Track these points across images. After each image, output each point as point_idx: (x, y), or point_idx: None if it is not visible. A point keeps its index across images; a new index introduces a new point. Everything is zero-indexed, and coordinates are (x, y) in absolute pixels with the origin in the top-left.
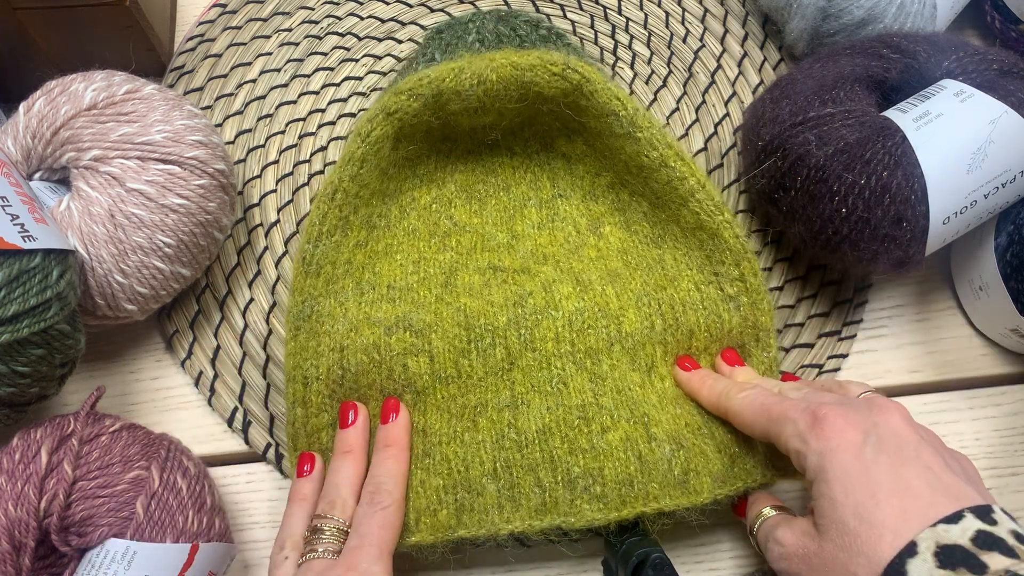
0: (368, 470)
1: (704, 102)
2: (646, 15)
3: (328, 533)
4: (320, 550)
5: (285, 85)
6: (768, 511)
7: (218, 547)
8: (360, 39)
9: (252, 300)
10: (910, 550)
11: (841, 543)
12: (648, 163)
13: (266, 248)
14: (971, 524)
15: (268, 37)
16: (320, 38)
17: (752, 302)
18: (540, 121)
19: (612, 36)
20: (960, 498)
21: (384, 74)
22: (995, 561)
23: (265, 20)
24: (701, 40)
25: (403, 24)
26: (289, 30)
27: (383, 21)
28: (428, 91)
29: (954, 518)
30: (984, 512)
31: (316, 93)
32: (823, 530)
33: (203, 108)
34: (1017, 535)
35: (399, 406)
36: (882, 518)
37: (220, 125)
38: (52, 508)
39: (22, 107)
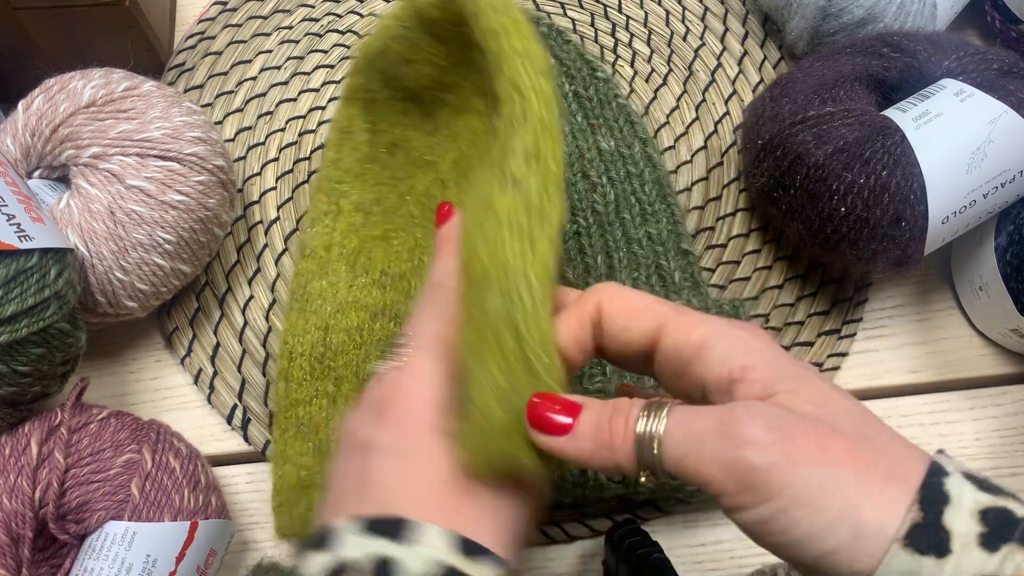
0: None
1: (704, 100)
2: (646, 13)
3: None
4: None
5: (285, 83)
6: (661, 410)
7: (217, 523)
8: (360, 37)
9: (252, 297)
10: (941, 469)
11: (861, 432)
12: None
13: (266, 245)
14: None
15: (268, 35)
16: (320, 36)
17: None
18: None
19: (612, 34)
20: None
21: None
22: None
23: (265, 18)
24: (701, 38)
25: None
26: (289, 28)
27: None
28: (363, 61)
29: (942, 451)
30: None
31: (316, 90)
32: (825, 418)
33: (203, 105)
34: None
35: (453, 208)
36: (886, 425)
37: (220, 122)
38: (47, 497)
39: (21, 105)
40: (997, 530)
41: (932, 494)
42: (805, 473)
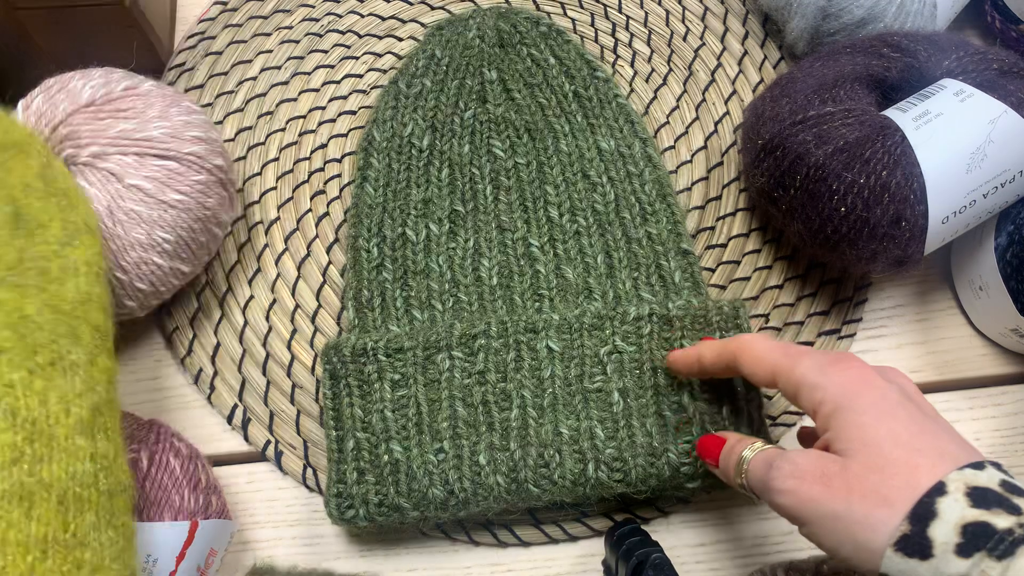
0: None
1: (704, 100)
2: (646, 13)
3: None
4: None
5: (286, 83)
6: (758, 445)
7: (217, 523)
8: (361, 37)
9: (252, 297)
10: (939, 490)
11: (873, 463)
12: None
13: (266, 245)
14: (995, 474)
15: (269, 35)
16: (321, 35)
17: None
18: None
19: (612, 34)
20: (979, 453)
21: (384, 71)
22: None
23: (266, 18)
24: (701, 38)
25: (404, 22)
26: (290, 27)
27: (384, 19)
28: None
29: (979, 465)
30: (1000, 467)
31: (316, 90)
32: (850, 452)
33: (203, 105)
34: None
35: None
36: (919, 446)
37: (220, 122)
38: None
39: (21, 104)
40: (971, 541)
41: (922, 511)
42: (814, 508)
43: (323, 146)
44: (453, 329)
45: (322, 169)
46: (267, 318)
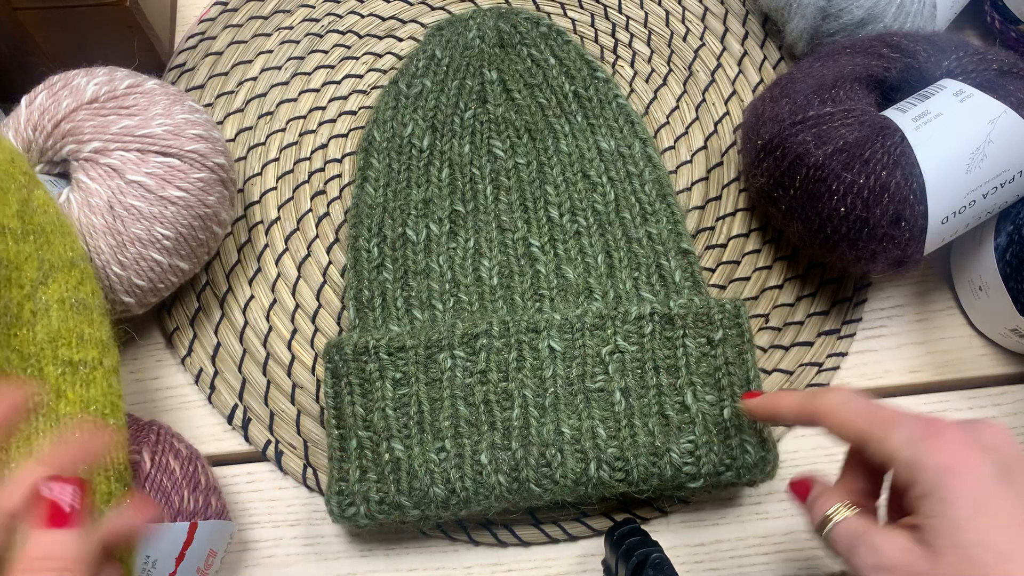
0: None
1: (704, 100)
2: (646, 13)
3: None
4: None
5: (286, 83)
6: (844, 510)
7: (217, 524)
8: (361, 37)
9: (252, 297)
10: None
11: (963, 569)
12: None
13: (266, 246)
14: None
15: (269, 35)
16: (321, 36)
17: None
18: None
19: (612, 34)
20: None
21: (385, 72)
22: None
23: (266, 18)
24: (701, 39)
25: (404, 22)
26: (290, 28)
27: (384, 19)
28: None
29: None
30: None
31: (317, 91)
32: (938, 551)
33: (204, 105)
34: None
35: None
36: (1013, 550)
37: (221, 123)
38: None
39: (24, 100)
40: None
41: None
42: None
43: (323, 146)
44: (455, 328)
45: (322, 169)
46: (267, 318)
